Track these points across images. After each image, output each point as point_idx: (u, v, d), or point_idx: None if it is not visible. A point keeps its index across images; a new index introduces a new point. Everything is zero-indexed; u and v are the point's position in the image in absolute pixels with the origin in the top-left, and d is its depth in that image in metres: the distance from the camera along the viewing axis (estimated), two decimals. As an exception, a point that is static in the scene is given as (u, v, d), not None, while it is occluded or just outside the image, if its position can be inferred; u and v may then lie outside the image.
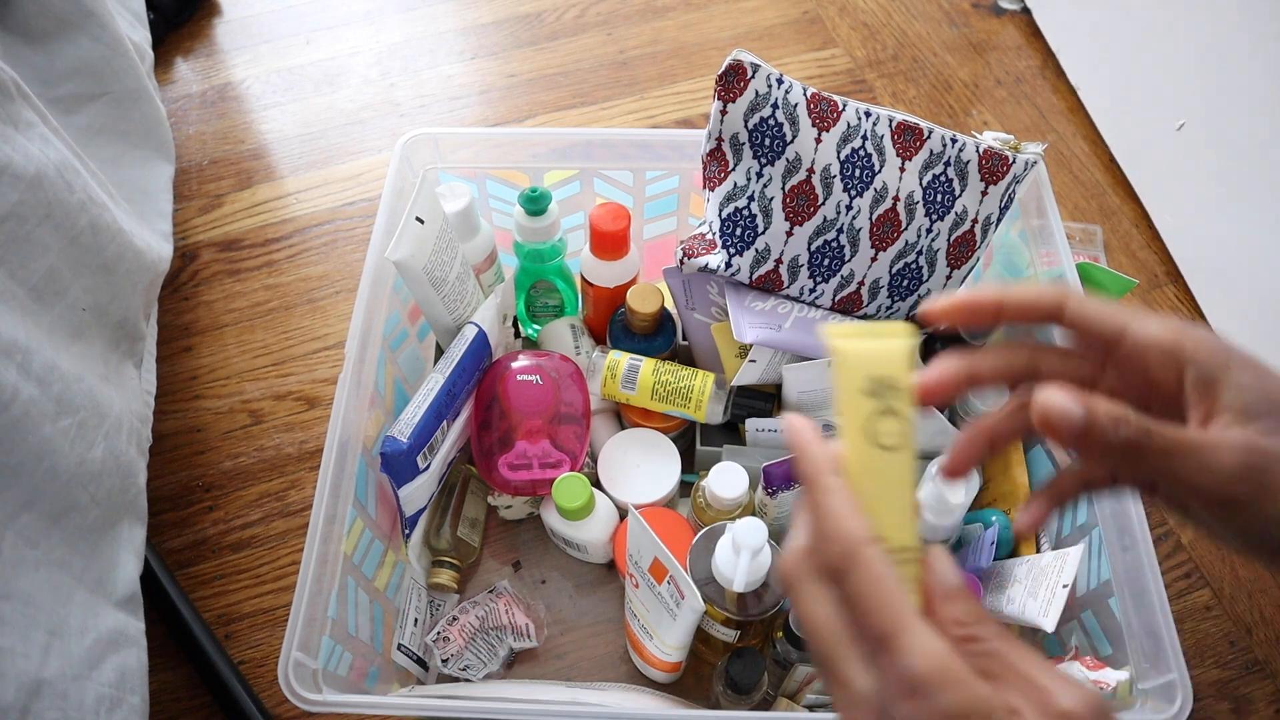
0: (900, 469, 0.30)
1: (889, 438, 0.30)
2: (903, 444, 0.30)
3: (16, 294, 0.58)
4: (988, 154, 0.69)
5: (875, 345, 0.30)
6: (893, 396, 0.30)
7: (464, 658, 0.70)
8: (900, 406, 0.30)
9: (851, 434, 0.30)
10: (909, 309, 0.74)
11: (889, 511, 0.30)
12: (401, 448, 0.64)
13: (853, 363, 0.30)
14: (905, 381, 0.30)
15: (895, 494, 0.30)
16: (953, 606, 0.29)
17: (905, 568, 0.29)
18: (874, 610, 0.27)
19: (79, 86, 0.79)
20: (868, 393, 0.30)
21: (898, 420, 0.30)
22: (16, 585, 0.52)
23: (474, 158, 0.76)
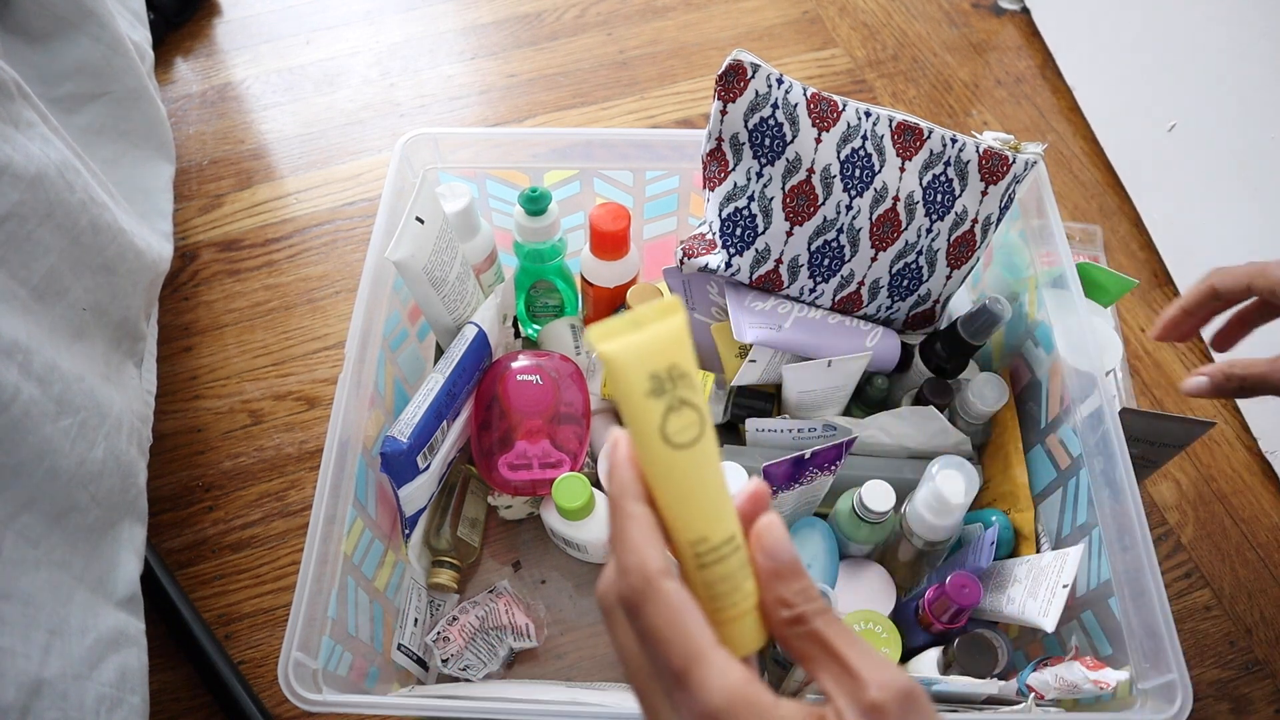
0: (705, 460, 0.28)
1: (685, 433, 0.27)
2: (701, 433, 0.28)
3: (17, 294, 0.58)
4: (988, 154, 0.69)
5: (645, 338, 0.27)
6: (680, 386, 0.27)
7: (464, 658, 0.70)
8: (689, 394, 0.27)
9: (645, 442, 0.28)
10: (909, 309, 0.74)
11: (703, 509, 0.28)
12: (401, 448, 0.64)
13: (627, 366, 0.27)
14: (688, 364, 0.27)
15: (706, 489, 0.28)
16: (782, 586, 0.28)
17: (731, 559, 0.28)
18: (668, 646, 0.26)
19: (79, 86, 0.79)
20: (652, 393, 0.27)
21: (690, 410, 0.27)
22: (17, 585, 0.52)
23: (474, 158, 0.76)
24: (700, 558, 0.28)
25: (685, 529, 0.28)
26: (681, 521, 0.28)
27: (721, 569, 0.28)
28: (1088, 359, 0.62)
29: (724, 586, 0.29)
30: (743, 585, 0.29)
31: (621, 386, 0.27)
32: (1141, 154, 1.01)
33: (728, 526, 0.28)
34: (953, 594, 0.60)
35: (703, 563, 0.28)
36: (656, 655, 0.27)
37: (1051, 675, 0.57)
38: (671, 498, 0.28)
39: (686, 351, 0.27)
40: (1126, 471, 0.57)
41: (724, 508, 0.29)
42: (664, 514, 0.29)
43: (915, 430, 0.72)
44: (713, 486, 0.28)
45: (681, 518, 0.28)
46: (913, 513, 0.65)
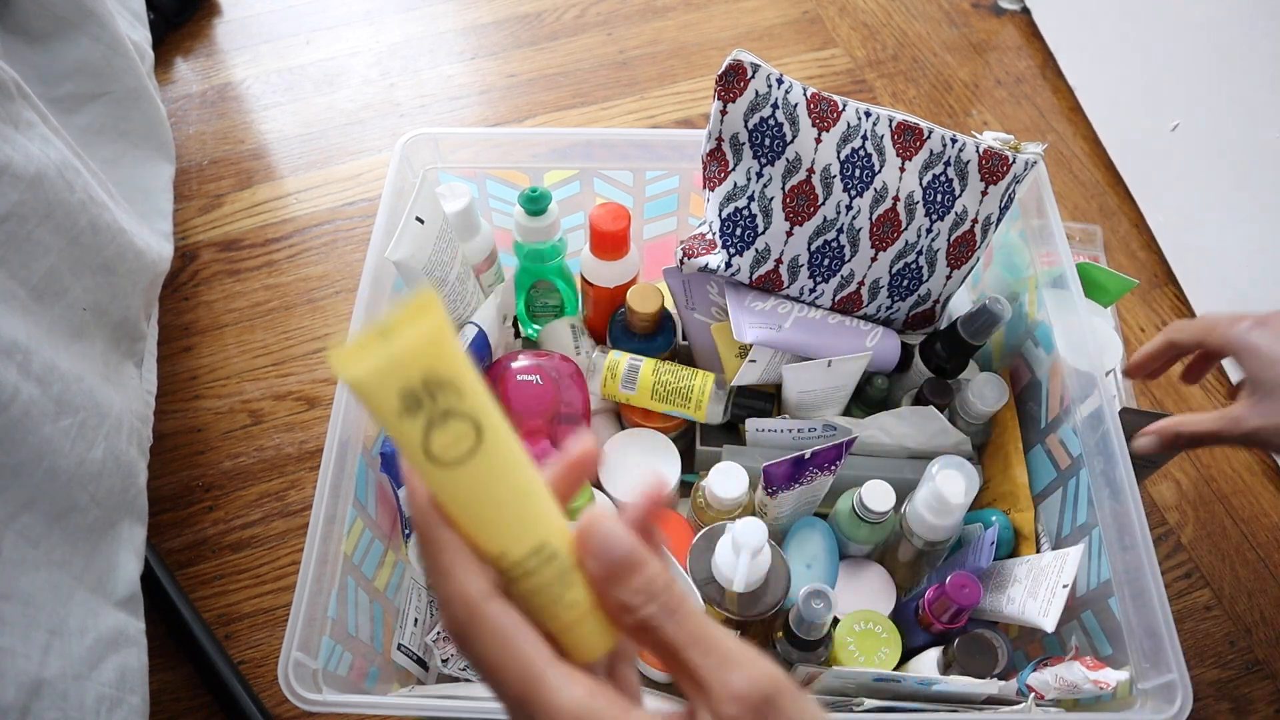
0: (487, 472, 0.25)
1: (454, 448, 0.24)
2: (476, 442, 0.24)
3: (17, 294, 0.58)
4: (988, 154, 0.69)
5: (390, 352, 0.23)
6: (439, 397, 0.23)
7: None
8: (453, 403, 0.24)
9: (414, 464, 0.24)
10: (909, 309, 0.74)
11: (495, 524, 0.25)
12: (401, 448, 0.64)
13: (373, 391, 0.23)
14: (449, 369, 0.23)
15: (494, 502, 0.25)
16: (618, 588, 0.26)
17: (542, 571, 0.26)
18: (502, 673, 0.25)
19: (79, 86, 0.79)
20: (404, 412, 0.23)
21: (458, 419, 0.24)
22: (17, 585, 0.52)
23: (474, 158, 0.76)
24: (507, 573, 0.26)
25: (481, 545, 0.26)
26: (476, 538, 0.26)
27: (532, 583, 0.26)
28: (1088, 359, 0.62)
29: (541, 599, 0.26)
30: (564, 596, 0.26)
31: (372, 412, 0.24)
32: (1143, 154, 1.01)
33: (531, 537, 0.26)
34: (953, 594, 0.60)
35: (510, 578, 0.26)
36: (496, 684, 0.25)
37: (1051, 675, 0.57)
38: (458, 516, 0.25)
39: (446, 355, 0.23)
40: (1126, 471, 0.57)
41: (525, 517, 0.26)
42: (460, 531, 0.26)
43: (915, 430, 0.72)
44: (504, 497, 0.25)
45: (474, 534, 0.26)
46: (913, 513, 0.65)
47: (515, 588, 0.26)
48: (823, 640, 0.62)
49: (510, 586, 0.26)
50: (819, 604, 0.60)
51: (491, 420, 0.24)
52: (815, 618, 0.59)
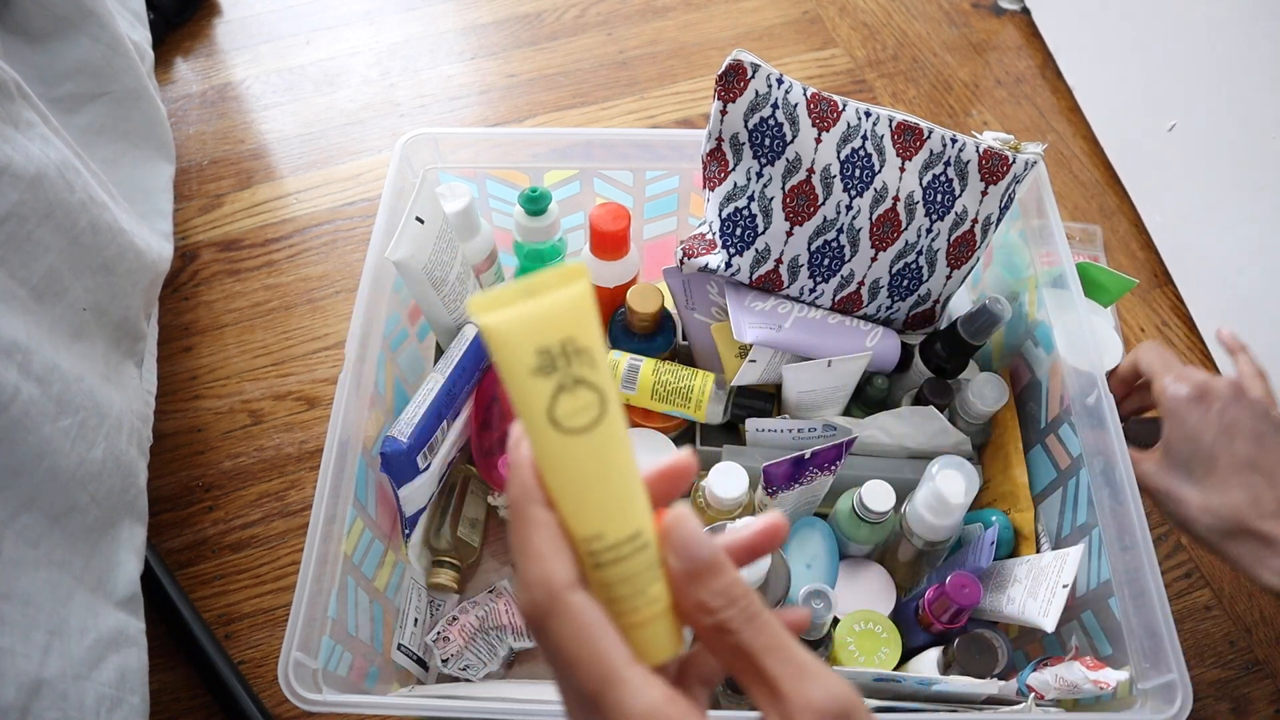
0: (603, 448, 0.25)
1: (578, 416, 0.24)
2: (599, 415, 0.24)
3: (17, 294, 0.58)
4: (988, 154, 0.69)
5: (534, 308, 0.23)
6: (574, 363, 0.24)
7: (464, 658, 0.70)
8: (586, 372, 0.24)
9: (533, 429, 0.24)
10: (909, 309, 0.74)
11: (600, 502, 0.25)
12: (401, 448, 0.64)
13: (507, 340, 0.23)
14: (588, 338, 0.24)
15: (604, 480, 0.25)
16: (699, 588, 0.26)
17: (633, 559, 0.25)
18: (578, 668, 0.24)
19: (79, 86, 0.79)
20: (538, 371, 0.24)
21: (587, 390, 0.24)
22: (16, 585, 0.52)
23: (474, 158, 0.76)
24: (595, 556, 0.25)
25: (579, 524, 0.25)
26: (574, 516, 0.25)
27: (620, 570, 0.26)
28: (1088, 359, 0.62)
29: (624, 589, 0.26)
30: (648, 589, 0.26)
31: (502, 364, 0.24)
32: (1142, 154, 1.01)
33: (632, 522, 0.25)
34: (953, 594, 0.60)
35: (598, 562, 0.25)
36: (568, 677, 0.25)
37: (1051, 675, 0.57)
38: (563, 489, 0.25)
39: (587, 324, 0.24)
40: (1126, 471, 0.57)
41: (629, 501, 0.26)
42: (558, 507, 0.26)
43: (915, 430, 0.72)
44: (614, 477, 0.25)
45: (574, 511, 0.25)
46: (913, 513, 0.65)
47: (601, 574, 0.26)
48: (823, 640, 0.62)
49: (595, 573, 0.26)
50: (819, 604, 0.60)
51: (614, 398, 0.25)
52: (815, 618, 0.59)
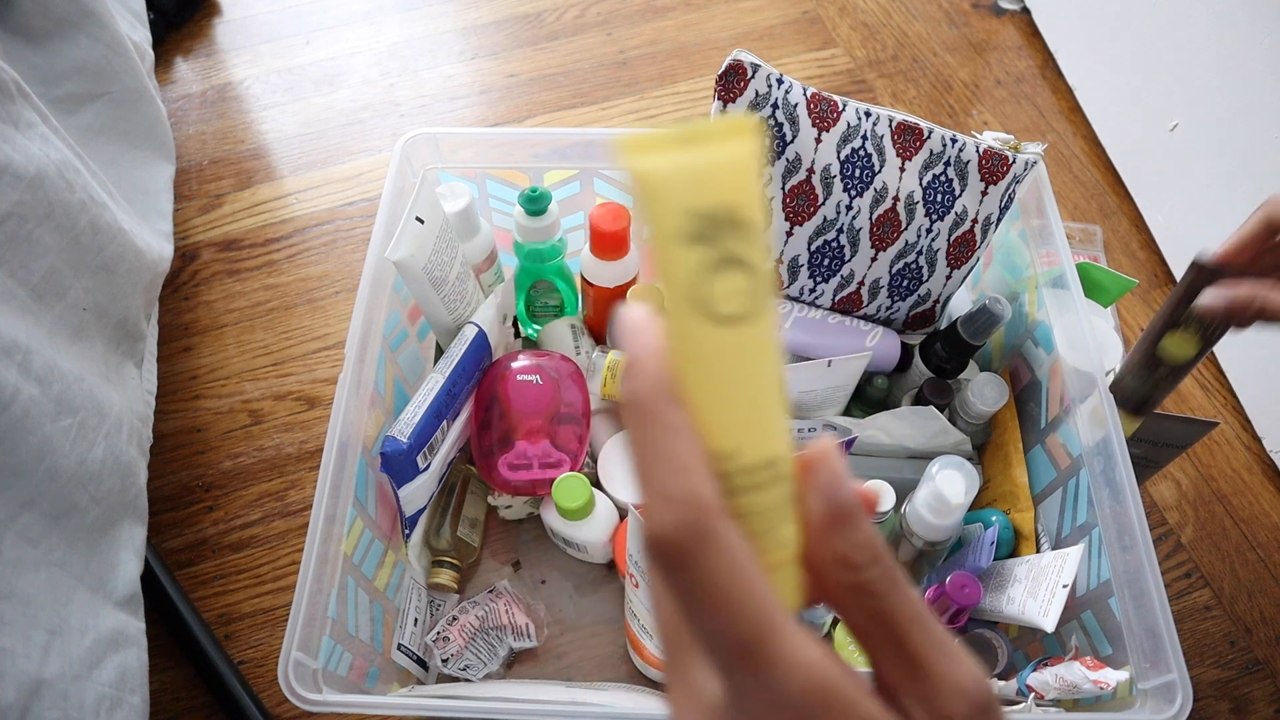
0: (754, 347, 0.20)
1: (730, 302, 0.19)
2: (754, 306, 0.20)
3: (17, 294, 0.58)
4: (988, 154, 0.69)
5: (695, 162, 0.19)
6: (733, 236, 0.19)
7: (464, 658, 0.70)
8: (744, 249, 0.19)
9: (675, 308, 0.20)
10: (909, 309, 0.74)
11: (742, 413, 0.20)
12: (401, 448, 0.64)
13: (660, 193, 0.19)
14: (752, 209, 0.19)
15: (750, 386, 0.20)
16: (841, 538, 0.21)
17: (769, 491, 0.21)
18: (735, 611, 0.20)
19: (79, 86, 0.79)
20: (690, 238, 0.19)
21: (742, 273, 0.19)
22: (17, 585, 0.52)
23: (474, 158, 0.76)
24: (727, 479, 0.21)
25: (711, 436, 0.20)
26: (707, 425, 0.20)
27: (751, 501, 0.21)
28: (1088, 359, 0.62)
29: (755, 526, 0.21)
30: (779, 529, 0.21)
31: (650, 221, 0.19)
32: (1143, 153, 1.01)
33: (772, 444, 0.21)
34: (953, 594, 0.60)
35: (729, 486, 0.21)
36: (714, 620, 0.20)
37: (1051, 675, 0.57)
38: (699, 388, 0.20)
39: (752, 192, 0.19)
40: (1126, 471, 0.57)
41: (773, 419, 0.21)
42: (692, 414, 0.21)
43: (915, 430, 0.72)
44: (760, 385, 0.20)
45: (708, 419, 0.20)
46: (913, 513, 0.65)
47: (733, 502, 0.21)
48: (823, 640, 0.62)
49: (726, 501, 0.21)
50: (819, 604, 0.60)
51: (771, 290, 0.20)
52: (816, 618, 0.59)
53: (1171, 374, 0.60)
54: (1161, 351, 0.59)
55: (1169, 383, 0.61)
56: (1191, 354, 0.59)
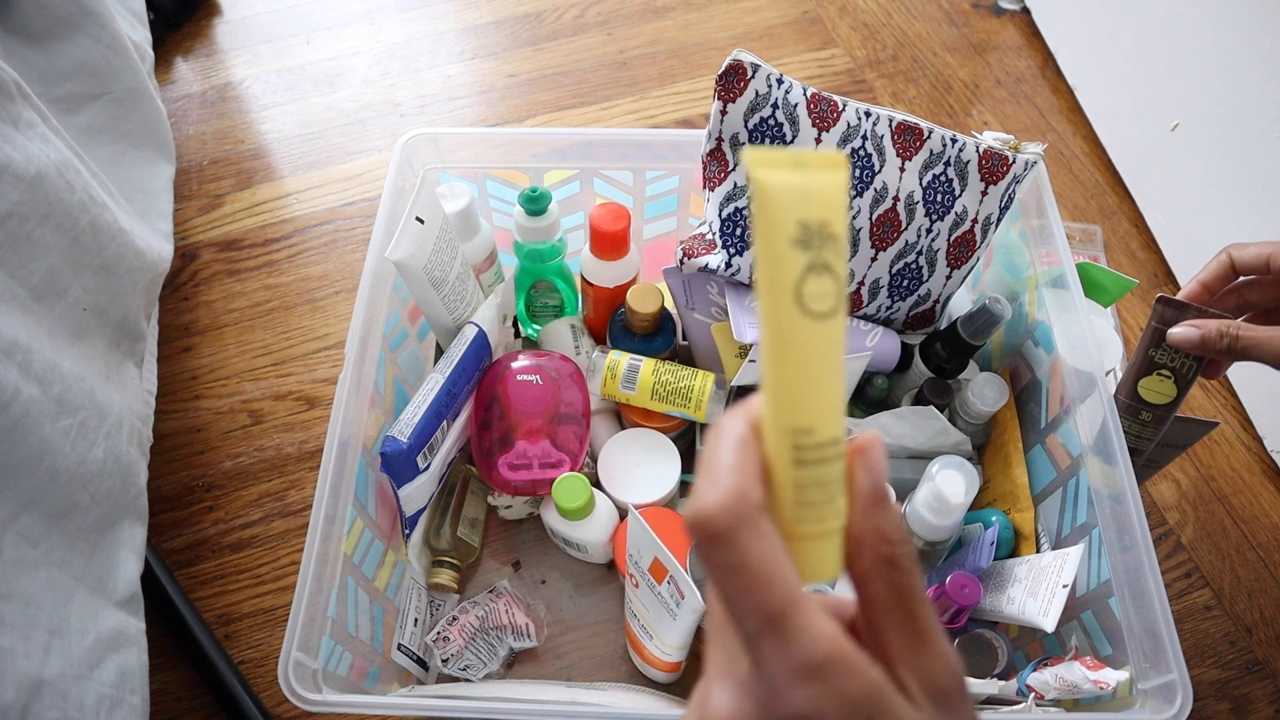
0: (832, 341, 0.24)
1: (821, 301, 0.24)
2: (836, 306, 0.24)
3: (17, 294, 0.58)
4: (988, 154, 0.69)
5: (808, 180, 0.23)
6: (827, 247, 0.23)
7: (464, 658, 0.70)
8: (834, 260, 0.24)
9: (777, 299, 0.24)
10: (909, 309, 0.74)
11: (817, 395, 0.24)
12: (401, 448, 0.64)
13: (782, 202, 0.23)
14: (841, 226, 0.24)
15: (827, 374, 0.24)
16: (881, 516, 0.25)
17: (833, 464, 0.25)
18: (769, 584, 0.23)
19: (79, 86, 0.79)
20: (797, 242, 0.23)
21: (831, 278, 0.24)
22: (17, 585, 0.52)
23: (474, 158, 0.76)
24: (801, 451, 0.24)
25: (794, 412, 0.24)
26: (789, 403, 0.24)
27: (819, 472, 0.25)
28: (1088, 359, 0.62)
29: (818, 494, 0.25)
30: (836, 499, 0.25)
31: (765, 226, 0.23)
32: (1143, 153, 1.01)
33: (839, 424, 0.25)
34: (953, 594, 0.60)
35: (802, 459, 0.24)
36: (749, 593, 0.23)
37: (1051, 675, 0.57)
38: (789, 371, 0.24)
39: (843, 213, 0.24)
40: (1126, 471, 0.57)
41: (840, 403, 0.25)
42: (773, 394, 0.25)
43: (915, 430, 0.72)
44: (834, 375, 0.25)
45: (793, 398, 0.24)
46: (913, 513, 0.65)
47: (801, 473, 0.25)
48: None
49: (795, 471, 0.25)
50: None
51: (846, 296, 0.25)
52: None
53: (1155, 420, 0.62)
54: (1143, 391, 0.61)
55: (1154, 428, 0.62)
56: (1172, 394, 0.60)
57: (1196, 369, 0.60)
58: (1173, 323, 0.58)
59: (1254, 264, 0.57)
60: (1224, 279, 0.59)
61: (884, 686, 0.23)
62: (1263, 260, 0.57)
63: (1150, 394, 0.61)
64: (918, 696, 0.24)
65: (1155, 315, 0.60)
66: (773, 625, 0.23)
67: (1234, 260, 0.58)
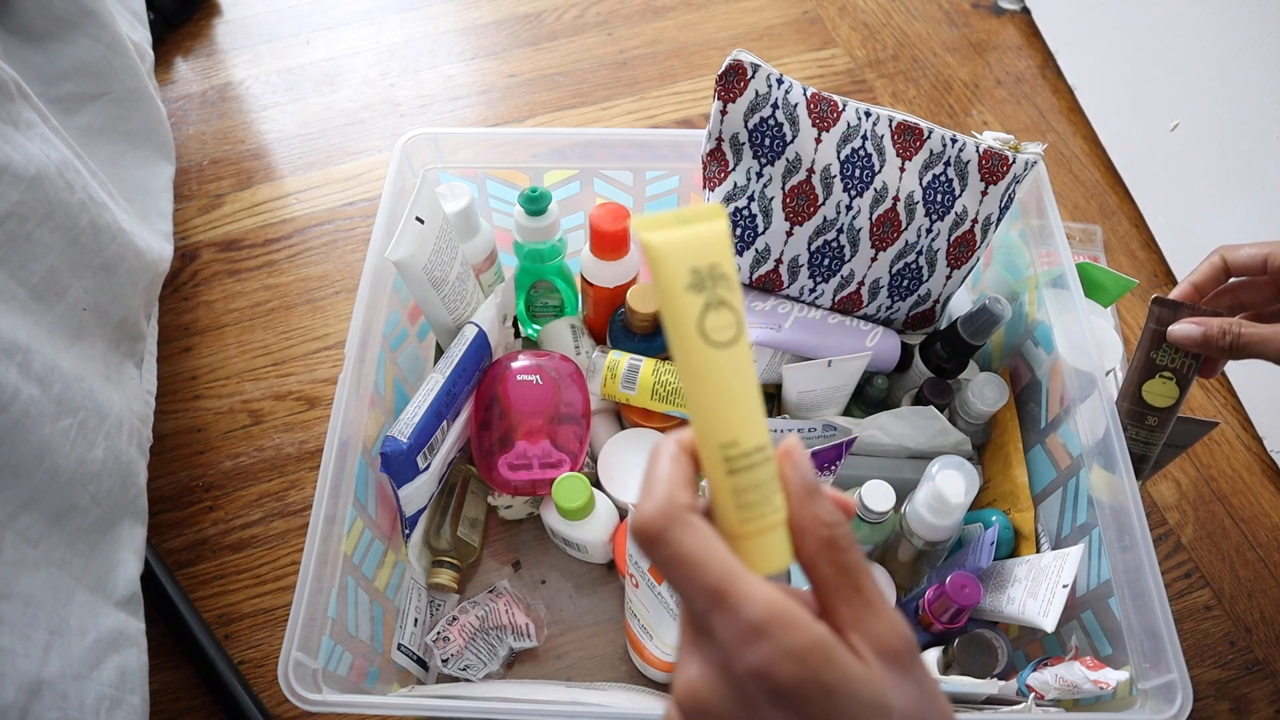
0: (740, 363, 0.28)
1: (722, 332, 0.27)
2: (737, 335, 0.28)
3: (17, 294, 0.58)
4: (988, 154, 0.69)
5: (691, 233, 0.27)
6: (720, 285, 0.27)
7: (464, 658, 0.70)
8: (728, 294, 0.28)
9: (682, 336, 0.27)
10: (909, 309, 0.74)
11: (737, 411, 0.28)
12: (401, 448, 0.64)
13: (671, 257, 0.27)
14: (729, 266, 0.28)
15: (740, 391, 0.28)
16: (817, 504, 0.28)
17: (762, 468, 0.28)
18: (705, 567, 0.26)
19: (79, 86, 0.79)
20: (691, 287, 0.27)
21: (729, 311, 0.28)
22: (17, 585, 0.52)
23: (474, 158, 0.76)
24: (731, 462, 0.28)
25: (718, 430, 0.28)
26: (713, 422, 0.28)
27: (751, 476, 0.28)
28: (1088, 359, 0.62)
29: (755, 495, 0.28)
30: (773, 497, 0.28)
31: (662, 278, 0.27)
32: (1144, 153, 1.01)
33: (761, 433, 0.28)
34: (953, 594, 0.60)
35: (733, 468, 0.28)
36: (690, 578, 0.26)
37: (1051, 675, 0.57)
38: (705, 397, 0.28)
39: (728, 254, 0.28)
40: (1127, 471, 0.57)
41: (758, 415, 0.28)
42: (696, 418, 0.28)
43: (915, 430, 0.72)
44: (748, 390, 0.28)
45: (714, 418, 0.28)
46: (913, 513, 0.65)
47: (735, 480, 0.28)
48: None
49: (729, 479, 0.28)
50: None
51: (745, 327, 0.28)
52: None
53: (1160, 423, 0.61)
54: (1147, 396, 0.61)
55: (1160, 432, 0.62)
56: (1175, 396, 0.60)
57: (1195, 368, 0.60)
58: (1171, 323, 0.58)
59: (1250, 264, 0.57)
60: (1215, 280, 0.59)
61: (828, 639, 0.25)
62: (1259, 261, 0.57)
63: (1155, 397, 0.61)
64: (868, 656, 0.26)
65: (1152, 317, 0.60)
66: (716, 600, 0.26)
67: (1228, 262, 0.58)
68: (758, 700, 0.25)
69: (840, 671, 0.25)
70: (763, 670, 0.25)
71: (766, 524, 0.28)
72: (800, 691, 0.25)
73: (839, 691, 0.25)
